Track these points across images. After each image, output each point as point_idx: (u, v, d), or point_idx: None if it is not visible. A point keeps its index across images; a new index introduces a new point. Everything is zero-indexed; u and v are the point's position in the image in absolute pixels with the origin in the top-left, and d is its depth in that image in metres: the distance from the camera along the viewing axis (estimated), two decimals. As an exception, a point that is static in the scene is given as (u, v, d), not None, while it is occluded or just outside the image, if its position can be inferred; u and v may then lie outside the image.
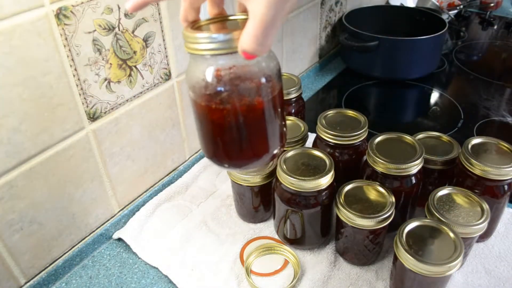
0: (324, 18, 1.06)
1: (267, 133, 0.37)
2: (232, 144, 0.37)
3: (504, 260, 0.57)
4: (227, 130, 0.36)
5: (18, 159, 0.49)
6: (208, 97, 0.34)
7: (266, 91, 0.35)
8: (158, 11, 0.59)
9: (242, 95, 0.34)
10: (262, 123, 0.37)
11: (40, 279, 0.56)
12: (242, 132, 0.36)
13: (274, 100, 0.36)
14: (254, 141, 0.37)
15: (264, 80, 0.35)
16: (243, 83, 0.34)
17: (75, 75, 0.51)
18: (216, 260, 0.59)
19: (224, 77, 0.34)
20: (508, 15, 1.41)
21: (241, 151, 0.37)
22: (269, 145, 0.38)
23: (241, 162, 0.39)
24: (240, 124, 0.36)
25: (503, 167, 0.53)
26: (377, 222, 0.51)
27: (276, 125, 0.38)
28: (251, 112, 0.35)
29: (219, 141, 0.37)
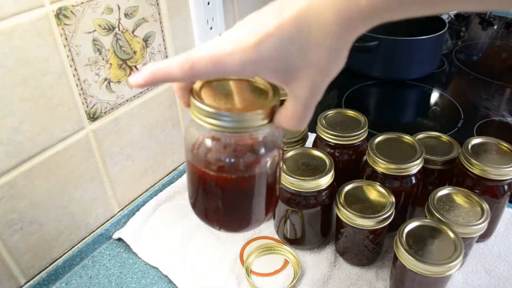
0: (324, 18, 1.06)
1: (263, 203, 0.36)
2: (225, 211, 0.36)
3: (504, 260, 0.57)
4: (222, 197, 0.35)
5: (18, 159, 0.49)
6: (206, 163, 0.33)
7: (267, 165, 0.34)
8: (158, 11, 0.59)
9: (241, 167, 0.33)
10: (258, 195, 0.35)
11: (40, 279, 0.56)
12: (237, 201, 0.35)
13: (274, 173, 0.35)
14: (247, 211, 0.36)
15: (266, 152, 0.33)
16: (244, 155, 0.33)
17: (75, 75, 0.51)
18: (216, 260, 0.59)
19: (227, 148, 0.32)
20: (508, 15, 1.41)
21: (231, 219, 0.36)
22: (262, 213, 0.37)
23: (229, 228, 0.38)
24: (236, 193, 0.34)
25: (503, 167, 0.53)
26: (377, 222, 0.51)
27: (273, 195, 0.37)
28: (247, 183, 0.34)
29: (213, 206, 0.36)
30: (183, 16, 0.64)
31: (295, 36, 0.25)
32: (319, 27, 0.24)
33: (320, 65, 0.26)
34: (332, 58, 0.26)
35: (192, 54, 0.27)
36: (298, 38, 0.25)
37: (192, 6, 0.64)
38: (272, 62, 0.26)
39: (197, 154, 0.33)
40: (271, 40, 0.25)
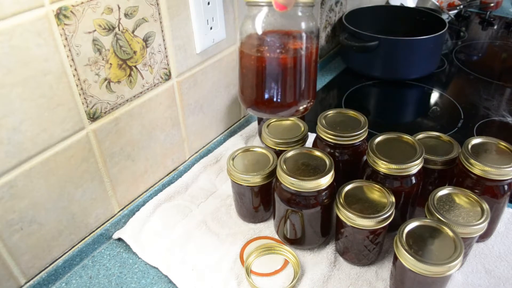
0: (324, 18, 1.06)
1: (300, 83, 0.42)
2: (271, 89, 0.42)
3: (504, 260, 0.57)
4: (267, 76, 0.41)
5: (18, 159, 0.49)
6: (253, 46, 0.40)
7: (303, 46, 0.40)
8: (158, 11, 0.59)
9: (281, 46, 0.40)
10: (296, 73, 0.41)
11: (40, 279, 0.56)
12: (280, 79, 0.41)
13: (309, 56, 0.41)
14: (290, 89, 0.42)
15: (303, 35, 0.40)
16: (284, 36, 0.40)
17: (75, 75, 0.51)
18: (216, 260, 0.59)
19: (268, 28, 0.39)
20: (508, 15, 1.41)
21: (280, 97, 0.42)
22: (302, 94, 0.43)
23: (278, 109, 0.43)
24: (278, 71, 0.41)
25: (503, 167, 0.53)
26: (377, 222, 0.51)
27: (308, 79, 0.43)
28: (288, 62, 0.40)
29: (259, 87, 0.42)
30: (183, 16, 0.64)
31: None
32: None
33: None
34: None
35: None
36: None
37: (192, 6, 0.64)
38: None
39: (252, 41, 0.40)
40: None
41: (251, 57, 0.41)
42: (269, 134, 0.66)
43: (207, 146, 0.80)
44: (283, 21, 0.39)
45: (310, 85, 0.44)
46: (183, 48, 0.66)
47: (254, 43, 0.41)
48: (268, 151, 0.63)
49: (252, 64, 0.42)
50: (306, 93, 0.43)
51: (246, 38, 0.42)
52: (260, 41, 0.40)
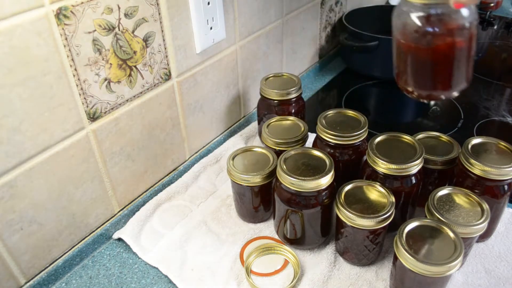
0: (324, 18, 1.06)
1: (465, 68, 0.46)
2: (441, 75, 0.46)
3: (504, 260, 0.57)
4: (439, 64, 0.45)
5: (18, 159, 0.49)
6: (419, 37, 0.43)
7: (466, 35, 0.43)
8: (158, 11, 0.59)
9: (446, 36, 0.43)
10: (460, 59, 0.45)
11: (40, 279, 0.56)
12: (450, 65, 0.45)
13: (471, 44, 0.44)
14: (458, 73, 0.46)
15: (466, 26, 0.42)
16: (448, 28, 0.42)
17: (75, 75, 0.51)
18: (216, 260, 0.59)
19: (433, 21, 0.42)
20: (508, 15, 1.41)
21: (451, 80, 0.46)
22: (466, 78, 0.47)
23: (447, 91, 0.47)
24: (447, 59, 0.44)
25: (503, 167, 0.53)
26: (377, 222, 0.51)
27: (470, 64, 0.47)
28: (454, 50, 0.44)
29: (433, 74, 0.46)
30: (183, 16, 0.64)
31: None
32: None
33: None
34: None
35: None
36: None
37: (192, 6, 0.64)
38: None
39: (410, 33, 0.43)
40: None
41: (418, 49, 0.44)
42: (269, 134, 0.66)
43: (207, 146, 0.80)
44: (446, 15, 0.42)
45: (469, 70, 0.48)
46: (183, 48, 0.66)
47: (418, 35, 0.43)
48: (268, 151, 0.63)
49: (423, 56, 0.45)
50: (470, 74, 0.48)
51: (407, 29, 0.44)
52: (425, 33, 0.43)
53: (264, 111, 0.77)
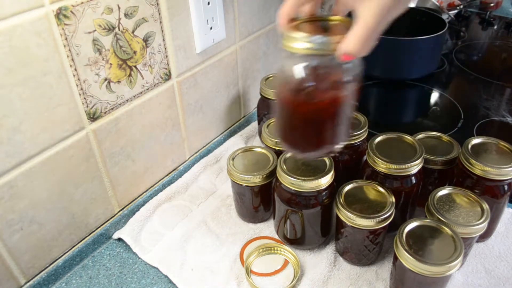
0: (324, 18, 1.06)
1: (341, 126, 0.41)
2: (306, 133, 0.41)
3: (504, 260, 0.57)
4: (310, 122, 0.40)
5: (18, 159, 0.49)
6: (297, 92, 0.38)
7: (347, 90, 0.39)
8: (158, 11, 0.59)
9: (327, 92, 0.38)
10: (339, 117, 0.40)
11: (40, 279, 0.56)
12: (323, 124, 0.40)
13: (350, 100, 0.40)
14: (329, 133, 0.41)
15: (348, 80, 0.38)
16: (330, 82, 0.38)
17: (75, 75, 0.51)
18: (216, 260, 0.59)
19: (314, 74, 0.37)
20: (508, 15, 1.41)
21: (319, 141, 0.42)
22: (340, 137, 0.42)
23: (316, 150, 0.43)
24: (323, 117, 0.40)
25: (503, 167, 0.53)
26: (377, 222, 0.51)
27: (348, 121, 0.42)
28: (331, 107, 0.39)
29: (299, 131, 0.41)
30: (183, 16, 0.64)
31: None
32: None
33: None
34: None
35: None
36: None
37: (192, 6, 0.64)
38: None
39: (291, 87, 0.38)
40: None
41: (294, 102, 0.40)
42: (269, 134, 0.66)
43: (207, 146, 0.80)
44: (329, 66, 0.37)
45: (349, 124, 0.44)
46: (183, 48, 0.66)
47: (297, 87, 0.39)
48: (268, 151, 0.63)
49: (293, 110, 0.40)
50: (346, 132, 0.43)
51: (287, 81, 0.39)
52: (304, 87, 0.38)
53: (264, 111, 0.77)
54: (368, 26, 0.32)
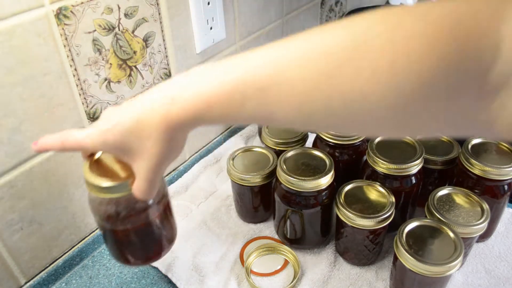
0: (324, 18, 1.06)
1: (160, 240, 0.46)
2: (132, 251, 0.46)
3: (504, 260, 0.57)
4: (126, 243, 0.45)
5: (18, 159, 0.49)
6: (107, 220, 0.42)
7: (155, 212, 0.43)
8: (158, 11, 0.59)
9: (134, 219, 0.42)
10: (153, 235, 0.45)
11: (40, 279, 0.56)
12: (138, 243, 0.45)
13: (161, 216, 0.45)
14: (148, 248, 0.46)
15: (152, 203, 0.42)
16: (135, 210, 0.42)
17: (75, 75, 0.51)
18: (216, 260, 0.59)
19: (119, 206, 0.41)
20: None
21: (140, 256, 0.47)
22: (162, 248, 0.47)
23: (140, 263, 0.49)
24: (136, 238, 0.44)
25: (503, 167, 0.53)
26: (377, 222, 0.51)
27: (166, 233, 0.47)
28: (142, 228, 0.44)
29: (121, 250, 0.46)
30: (183, 16, 0.64)
31: (134, 128, 0.33)
32: (150, 125, 0.32)
33: (154, 151, 0.33)
34: (164, 147, 0.33)
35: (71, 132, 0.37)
36: (137, 130, 0.32)
37: (192, 6, 0.64)
38: (118, 144, 0.34)
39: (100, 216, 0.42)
40: (116, 128, 0.33)
41: (107, 229, 0.44)
42: (269, 134, 0.66)
43: (207, 146, 0.80)
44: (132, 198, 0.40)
45: (169, 232, 0.48)
46: (183, 48, 0.66)
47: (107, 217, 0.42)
48: (268, 151, 0.63)
49: (110, 234, 0.44)
50: (167, 241, 0.47)
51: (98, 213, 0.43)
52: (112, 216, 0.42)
53: (264, 111, 0.77)
54: (145, 180, 0.35)
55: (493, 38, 0.23)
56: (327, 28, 0.27)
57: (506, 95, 0.23)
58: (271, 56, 0.28)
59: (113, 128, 0.34)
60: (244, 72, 0.28)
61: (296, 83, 0.26)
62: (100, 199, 0.41)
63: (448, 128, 0.27)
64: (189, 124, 0.31)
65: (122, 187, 0.39)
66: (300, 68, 0.26)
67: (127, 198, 0.40)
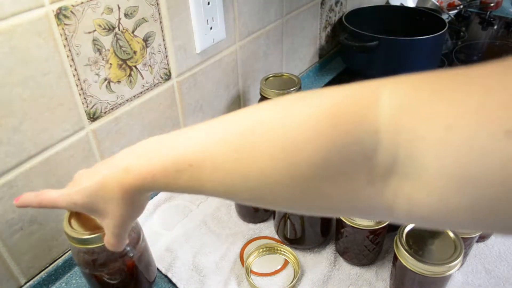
0: (324, 18, 1.06)
1: (139, 281, 0.52)
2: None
3: (504, 260, 0.57)
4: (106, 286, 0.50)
5: (18, 159, 0.49)
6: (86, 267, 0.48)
7: (131, 256, 0.49)
8: (158, 11, 0.59)
9: (114, 263, 0.48)
10: (131, 277, 0.50)
11: (40, 279, 0.56)
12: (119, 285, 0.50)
13: (138, 259, 0.50)
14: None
15: (129, 249, 0.48)
16: (112, 257, 0.48)
17: (75, 75, 0.51)
18: (216, 260, 0.59)
19: (96, 255, 0.47)
20: (508, 15, 1.41)
21: None
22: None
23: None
24: (116, 281, 0.49)
25: (503, 167, 0.53)
26: (377, 222, 0.51)
27: (145, 274, 0.53)
28: (119, 273, 0.49)
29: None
30: (183, 16, 0.64)
31: (99, 191, 0.37)
32: (111, 189, 0.36)
33: (117, 212, 0.37)
34: (125, 209, 0.37)
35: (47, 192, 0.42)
36: (101, 193, 0.37)
37: (192, 6, 0.64)
38: (85, 205, 0.39)
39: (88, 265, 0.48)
40: (84, 191, 0.38)
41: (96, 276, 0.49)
42: (269, 134, 0.66)
43: (207, 146, 0.80)
44: None
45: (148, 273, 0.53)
46: (183, 48, 0.66)
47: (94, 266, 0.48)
48: (268, 151, 0.63)
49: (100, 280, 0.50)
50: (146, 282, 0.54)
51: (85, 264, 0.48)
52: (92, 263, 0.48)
53: (264, 111, 0.77)
54: (113, 235, 0.40)
55: (373, 124, 0.24)
56: (247, 110, 0.31)
57: (396, 181, 0.24)
58: (201, 135, 0.32)
59: (82, 190, 0.38)
60: (181, 148, 0.32)
61: (217, 160, 0.30)
62: (78, 248, 0.46)
63: (351, 210, 0.29)
64: (141, 190, 0.35)
65: (96, 239, 0.44)
66: (220, 147, 0.30)
67: (102, 247, 0.43)
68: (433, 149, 0.22)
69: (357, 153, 0.25)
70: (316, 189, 0.27)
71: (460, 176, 0.21)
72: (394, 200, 0.25)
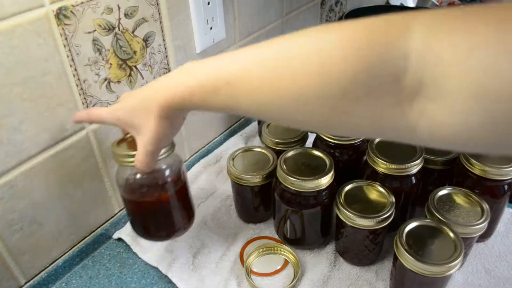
0: (324, 18, 1.06)
1: (177, 216, 0.52)
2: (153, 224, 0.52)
3: (504, 260, 0.57)
4: (146, 215, 0.51)
5: (18, 159, 0.49)
6: (129, 193, 0.50)
7: (171, 188, 0.50)
8: (158, 11, 0.59)
9: (152, 191, 0.49)
10: (170, 210, 0.51)
11: (40, 279, 0.56)
12: (156, 216, 0.51)
13: (178, 193, 0.51)
14: (165, 224, 0.52)
15: (169, 179, 0.49)
16: (153, 182, 0.48)
17: (75, 75, 0.51)
18: (216, 260, 0.59)
19: (138, 179, 0.48)
20: (508, 15, 1.41)
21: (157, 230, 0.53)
22: (176, 226, 0.53)
23: (157, 238, 0.55)
24: (153, 211, 0.51)
25: (503, 167, 0.53)
26: (377, 222, 0.51)
27: (183, 210, 0.53)
28: (159, 202, 0.50)
29: (142, 223, 0.53)
30: (183, 16, 0.64)
31: (138, 106, 0.41)
32: (150, 105, 0.39)
33: (153, 127, 0.40)
34: (161, 124, 0.40)
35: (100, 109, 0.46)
36: (140, 108, 0.40)
37: (192, 6, 0.64)
38: (127, 120, 0.42)
39: (128, 189, 0.49)
40: (127, 106, 0.42)
41: (135, 202, 0.50)
42: (269, 134, 0.66)
43: (207, 146, 0.80)
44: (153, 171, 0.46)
45: (186, 210, 0.54)
46: (183, 48, 0.66)
47: (129, 189, 0.50)
48: (268, 151, 0.63)
49: (132, 207, 0.51)
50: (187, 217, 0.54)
51: (121, 185, 0.50)
52: (133, 189, 0.49)
53: (264, 111, 0.77)
54: (144, 152, 0.42)
55: (402, 48, 0.26)
56: (282, 37, 0.33)
57: (421, 103, 0.27)
58: (239, 57, 0.34)
59: (125, 107, 0.42)
60: (218, 68, 0.35)
61: (254, 78, 0.32)
62: (122, 169, 0.48)
63: (374, 130, 0.31)
64: (178, 106, 0.38)
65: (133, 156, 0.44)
66: (258, 67, 0.32)
67: None
68: (456, 71, 0.24)
69: (388, 75, 0.27)
70: (346, 107, 0.29)
71: (480, 96, 0.24)
72: (418, 121, 0.27)
